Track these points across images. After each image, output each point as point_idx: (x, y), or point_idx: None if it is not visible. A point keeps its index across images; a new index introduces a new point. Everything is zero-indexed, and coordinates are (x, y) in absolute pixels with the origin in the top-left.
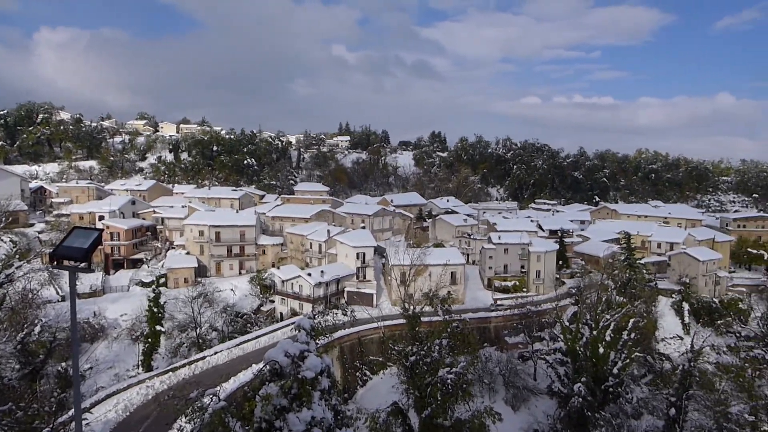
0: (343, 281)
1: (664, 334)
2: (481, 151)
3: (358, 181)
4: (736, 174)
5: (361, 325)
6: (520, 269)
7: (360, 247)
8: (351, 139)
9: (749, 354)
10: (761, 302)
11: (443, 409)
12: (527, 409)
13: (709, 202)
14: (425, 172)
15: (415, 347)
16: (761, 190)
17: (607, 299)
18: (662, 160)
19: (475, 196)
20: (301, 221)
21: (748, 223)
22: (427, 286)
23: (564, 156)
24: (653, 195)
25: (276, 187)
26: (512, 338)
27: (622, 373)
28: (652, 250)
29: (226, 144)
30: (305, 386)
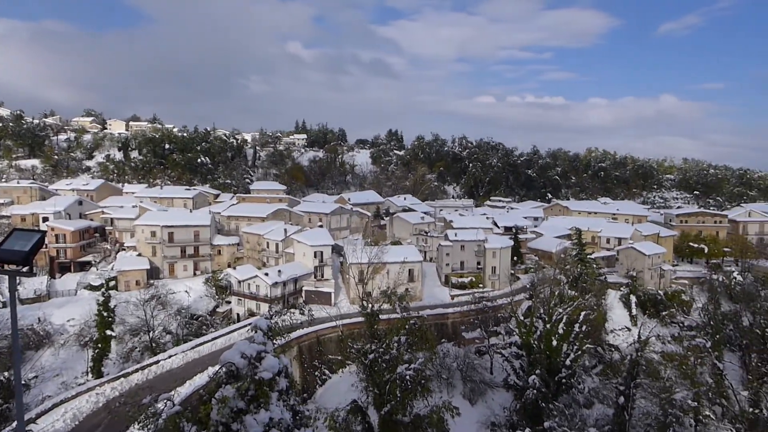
0: (301, 280)
1: (613, 326)
2: (438, 149)
3: (315, 179)
4: (679, 172)
5: (319, 324)
6: (476, 265)
7: (318, 245)
8: (308, 137)
9: (691, 343)
10: (702, 294)
11: (402, 405)
12: (484, 402)
13: (654, 199)
14: (382, 171)
15: (374, 345)
16: (701, 188)
17: (560, 293)
18: (611, 158)
19: (432, 194)
20: (257, 220)
21: (690, 218)
22: (385, 283)
23: (518, 154)
24: (602, 192)
25: (231, 186)
26: (469, 333)
27: (574, 365)
28: (602, 245)
29: (178, 142)
30: (262, 387)
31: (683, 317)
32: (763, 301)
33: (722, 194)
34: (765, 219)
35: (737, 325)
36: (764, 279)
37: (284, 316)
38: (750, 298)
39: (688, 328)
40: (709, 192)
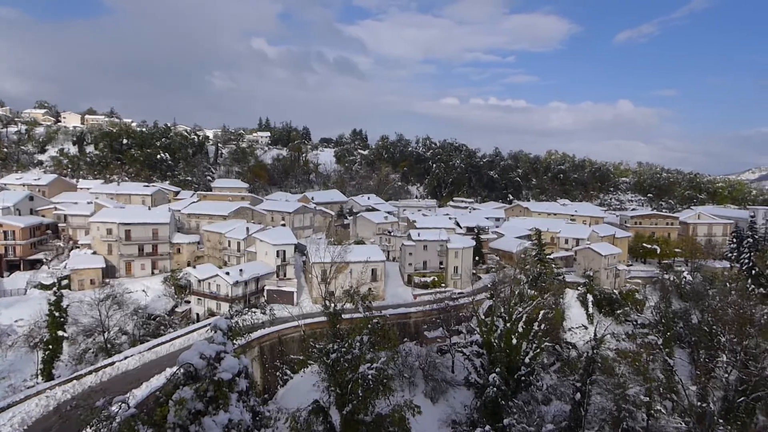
0: (263, 280)
1: (570, 324)
2: (402, 149)
3: (278, 178)
4: (634, 175)
5: (281, 323)
6: (438, 265)
7: (280, 244)
8: (271, 135)
9: (644, 340)
10: (654, 293)
11: (364, 404)
12: (446, 400)
13: (611, 201)
14: (346, 170)
15: (336, 344)
16: (655, 190)
17: (520, 293)
18: (570, 161)
19: (396, 193)
20: (218, 219)
21: (644, 220)
22: (348, 283)
23: (480, 156)
24: (562, 194)
25: (192, 184)
26: (431, 332)
27: (533, 362)
28: (561, 246)
29: (137, 137)
30: (222, 388)
31: (637, 315)
32: (711, 300)
33: (674, 197)
34: (713, 221)
35: (687, 323)
36: (712, 278)
37: (245, 315)
38: (698, 297)
39: (641, 326)
40: (661, 195)
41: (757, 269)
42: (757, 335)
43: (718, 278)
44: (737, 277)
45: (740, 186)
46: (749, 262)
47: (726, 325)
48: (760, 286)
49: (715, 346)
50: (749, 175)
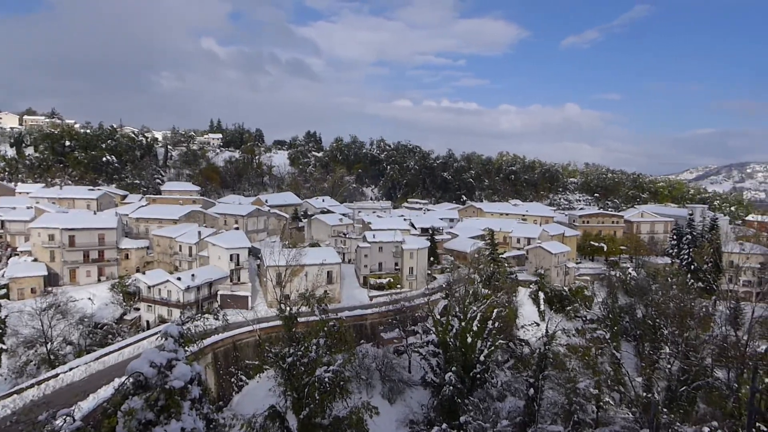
0: (216, 284)
1: (523, 322)
2: (356, 151)
3: (231, 180)
4: (581, 176)
5: (235, 329)
6: (394, 266)
7: (233, 248)
8: (223, 137)
9: (593, 335)
10: (602, 289)
11: (321, 408)
12: (403, 401)
13: (560, 201)
14: (301, 172)
15: (292, 348)
16: (601, 190)
17: (474, 292)
18: (520, 162)
19: (351, 195)
20: (169, 223)
21: (591, 219)
22: (304, 286)
23: (434, 157)
24: (513, 194)
25: (140, 187)
26: (388, 333)
27: (488, 360)
28: (513, 245)
29: (81, 139)
30: (173, 397)
31: (586, 311)
32: (654, 295)
33: (619, 197)
34: (655, 219)
35: (632, 317)
36: (654, 274)
37: (198, 321)
38: (643, 292)
39: (590, 321)
40: (607, 194)
41: (695, 264)
42: (696, 327)
43: (661, 274)
44: (678, 273)
45: (679, 186)
46: (688, 258)
47: (668, 318)
48: (699, 281)
49: (659, 339)
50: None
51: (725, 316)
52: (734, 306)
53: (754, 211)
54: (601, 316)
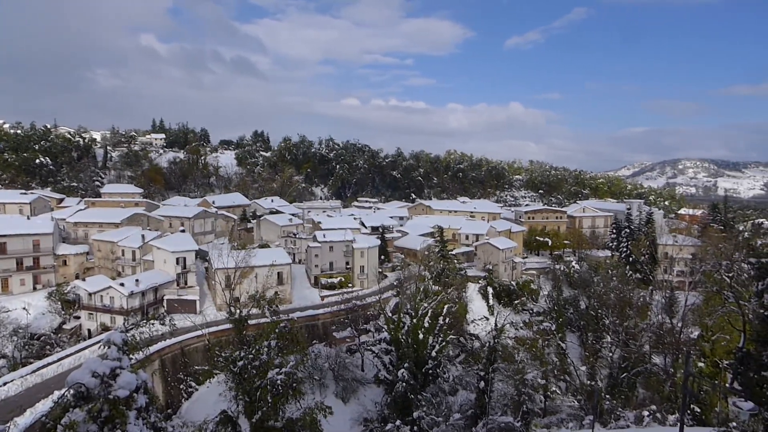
0: (162, 289)
1: (473, 317)
2: (305, 151)
3: (175, 182)
4: (526, 173)
5: (183, 334)
6: (345, 266)
7: (180, 251)
8: (166, 137)
9: (540, 327)
10: (547, 282)
11: (274, 410)
12: (357, 399)
13: (506, 198)
14: (248, 172)
15: (243, 351)
16: (545, 187)
17: (425, 289)
18: (468, 160)
19: (300, 195)
20: (110, 227)
21: (536, 215)
22: (254, 288)
23: (383, 156)
24: (461, 192)
25: (78, 190)
26: (340, 333)
27: (439, 355)
28: (462, 242)
29: (11, 140)
30: (118, 407)
31: (532, 304)
32: (596, 287)
33: (562, 193)
34: (595, 214)
35: (576, 309)
36: (596, 267)
37: (143, 328)
38: (585, 284)
39: (537, 314)
40: (551, 191)
41: (633, 257)
42: (635, 316)
43: (602, 266)
44: (617, 265)
45: (618, 182)
46: (627, 251)
47: (609, 308)
48: (637, 272)
49: (601, 329)
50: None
51: (661, 305)
52: (669, 295)
53: (686, 205)
54: (547, 308)
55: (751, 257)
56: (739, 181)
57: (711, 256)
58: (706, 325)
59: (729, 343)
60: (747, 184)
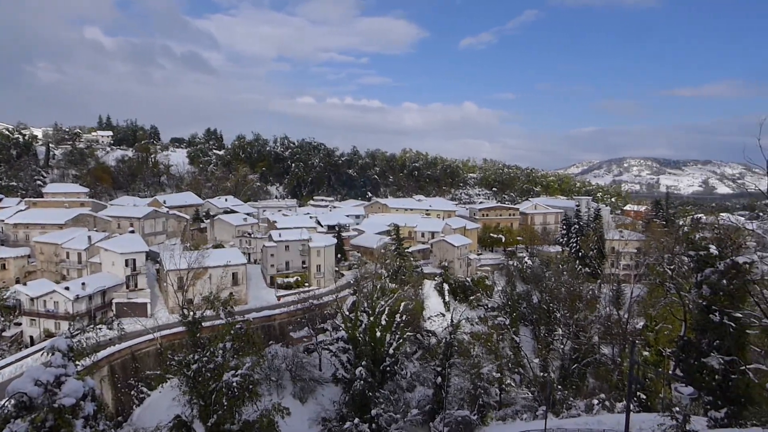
0: (111, 292)
1: (430, 313)
2: (260, 149)
3: (124, 181)
4: (480, 171)
5: (134, 338)
6: (301, 265)
7: (129, 253)
8: (114, 134)
9: (494, 322)
10: (501, 278)
11: (230, 413)
12: (315, 399)
13: (461, 196)
14: (201, 171)
15: (197, 354)
16: (498, 185)
17: (382, 287)
18: (423, 159)
19: (255, 194)
20: (54, 228)
21: (490, 212)
22: (208, 289)
23: (339, 155)
24: (417, 190)
25: (18, 190)
26: (297, 333)
27: (397, 353)
28: (418, 239)
29: None
30: (63, 416)
31: (487, 300)
32: (547, 281)
33: (514, 190)
34: (546, 211)
35: (529, 303)
36: (548, 262)
37: (90, 333)
38: (538, 279)
39: (492, 309)
40: (504, 188)
41: (582, 251)
42: (585, 309)
43: (553, 261)
44: (567, 260)
45: (567, 179)
46: (576, 246)
47: (560, 302)
48: (586, 266)
49: (553, 322)
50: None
51: (609, 298)
52: (616, 288)
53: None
54: (501, 303)
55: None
56: (680, 178)
57: (654, 250)
58: (650, 315)
59: (671, 332)
60: (687, 181)
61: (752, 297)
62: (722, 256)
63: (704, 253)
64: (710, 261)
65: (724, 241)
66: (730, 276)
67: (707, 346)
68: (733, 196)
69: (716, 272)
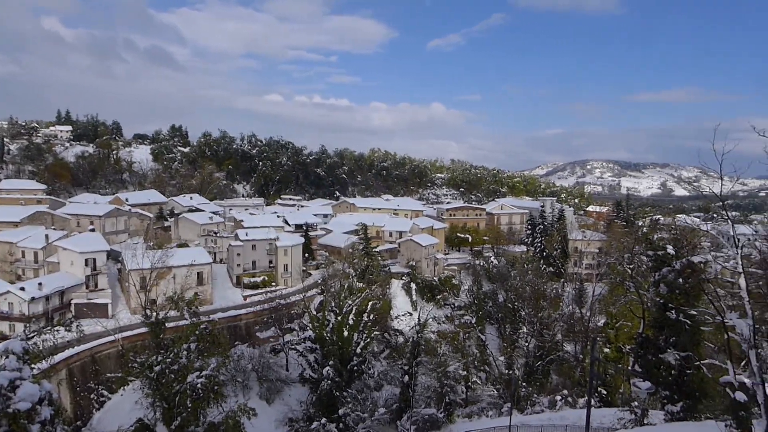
0: (70, 292)
1: (397, 312)
2: (226, 147)
3: (84, 178)
4: (448, 171)
5: (94, 339)
6: (268, 264)
7: (89, 252)
8: (74, 129)
9: (461, 321)
10: (468, 277)
11: (195, 415)
12: (281, 399)
13: (428, 196)
14: (165, 168)
15: (161, 356)
16: (465, 185)
17: (349, 286)
18: (391, 158)
19: (221, 192)
20: (8, 226)
21: (457, 212)
22: (172, 289)
23: (307, 153)
24: (385, 189)
25: None
26: (264, 333)
27: (364, 352)
28: (385, 239)
29: None
30: (18, 421)
31: (454, 299)
32: (513, 280)
33: (481, 191)
34: (512, 211)
35: (495, 302)
36: (513, 261)
37: (47, 335)
38: (503, 278)
39: (458, 308)
40: (471, 189)
41: (547, 251)
42: (548, 307)
43: (518, 261)
44: (532, 259)
45: (533, 180)
46: (541, 246)
47: (525, 300)
48: (550, 265)
49: (518, 320)
50: (539, 170)
51: (572, 296)
52: (579, 287)
53: (593, 202)
54: (467, 302)
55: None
56: (640, 180)
57: (615, 250)
58: (611, 313)
59: (631, 329)
60: (646, 183)
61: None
62: (678, 256)
63: (662, 252)
64: (667, 260)
65: (680, 242)
66: (685, 275)
67: (664, 343)
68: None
69: (673, 271)
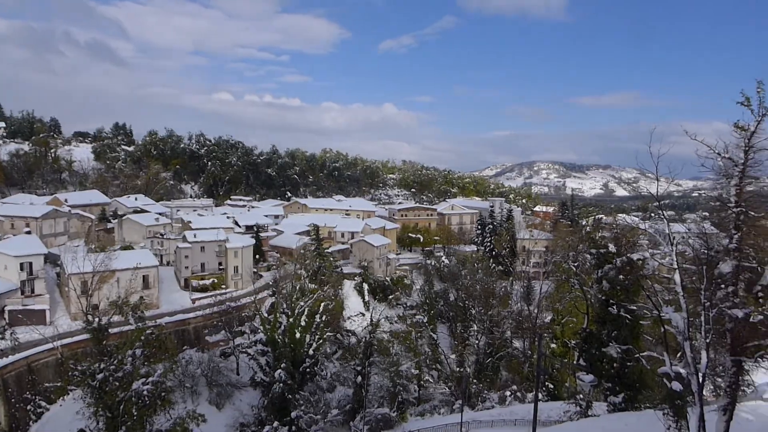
0: (3, 299)
1: (350, 313)
2: (173, 146)
3: (19, 177)
4: (400, 172)
5: (30, 348)
6: (218, 266)
7: (24, 255)
8: (7, 126)
9: (413, 320)
10: (420, 277)
11: (141, 424)
12: (232, 404)
13: (380, 196)
14: (108, 168)
15: (104, 363)
16: (417, 185)
17: (301, 287)
18: (343, 159)
19: (168, 193)
20: None
21: (409, 213)
22: (116, 293)
23: (258, 153)
24: (337, 190)
25: None
26: (213, 337)
27: (317, 353)
28: (338, 240)
29: None
30: None
31: (406, 299)
32: (463, 279)
33: (432, 191)
34: (463, 212)
35: (446, 301)
36: (464, 261)
37: None
38: (454, 278)
39: (410, 307)
40: (423, 189)
41: (496, 250)
42: (498, 305)
43: (468, 260)
44: (482, 258)
45: (482, 181)
46: (490, 245)
47: (475, 299)
48: (499, 264)
49: (469, 318)
50: (489, 171)
51: (520, 294)
52: (527, 284)
53: (540, 202)
54: (419, 302)
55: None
56: (583, 181)
57: (560, 248)
58: (557, 310)
59: (576, 324)
60: (590, 184)
61: (645, 290)
62: (619, 254)
63: (604, 250)
64: (609, 258)
65: (620, 240)
66: (625, 272)
67: (607, 337)
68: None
69: (614, 268)
